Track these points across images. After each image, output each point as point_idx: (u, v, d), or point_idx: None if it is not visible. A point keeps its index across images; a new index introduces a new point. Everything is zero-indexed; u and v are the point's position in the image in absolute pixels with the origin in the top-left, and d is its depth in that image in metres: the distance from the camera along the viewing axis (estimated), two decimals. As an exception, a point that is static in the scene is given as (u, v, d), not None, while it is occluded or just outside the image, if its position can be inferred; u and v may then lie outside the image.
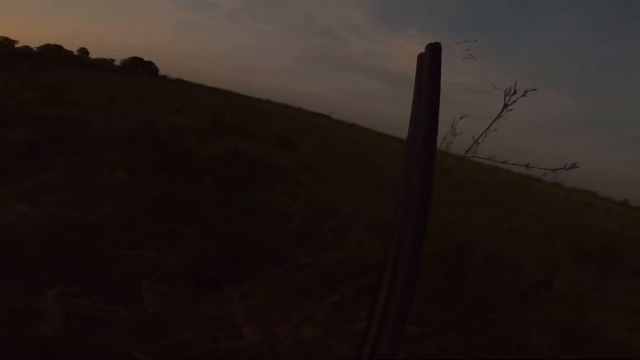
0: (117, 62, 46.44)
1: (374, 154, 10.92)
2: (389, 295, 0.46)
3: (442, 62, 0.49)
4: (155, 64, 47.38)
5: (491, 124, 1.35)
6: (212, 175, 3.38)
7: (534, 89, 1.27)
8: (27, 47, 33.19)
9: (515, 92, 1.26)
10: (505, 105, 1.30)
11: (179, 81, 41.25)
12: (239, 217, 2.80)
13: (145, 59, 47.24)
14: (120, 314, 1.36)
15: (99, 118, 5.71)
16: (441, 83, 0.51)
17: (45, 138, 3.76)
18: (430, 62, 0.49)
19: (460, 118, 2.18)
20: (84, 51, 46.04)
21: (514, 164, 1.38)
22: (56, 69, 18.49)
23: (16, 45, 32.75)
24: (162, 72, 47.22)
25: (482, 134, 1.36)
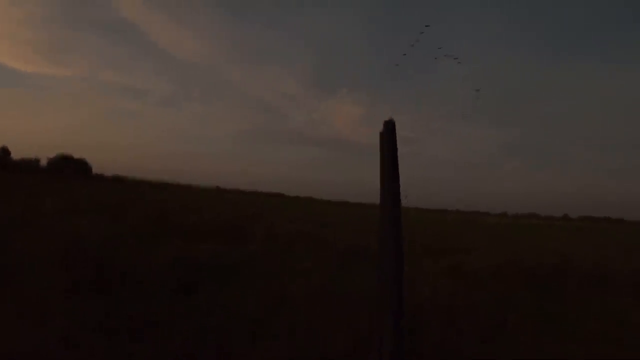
0: (43, 162, 43.82)
1: (332, 227, 11.45)
2: None
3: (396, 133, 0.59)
4: (87, 160, 45.52)
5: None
6: (158, 285, 3.42)
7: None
8: None
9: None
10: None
11: (116, 179, 40.01)
12: (189, 323, 2.85)
13: (75, 155, 45.19)
14: None
15: (23, 235, 5.44)
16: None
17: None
18: (386, 137, 0.59)
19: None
20: (5, 150, 43.24)
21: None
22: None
23: None
24: (96, 169, 45.33)
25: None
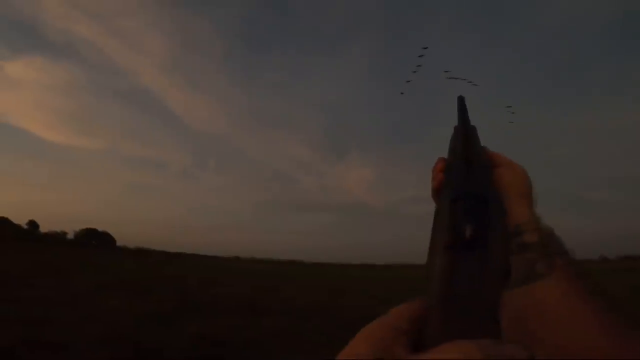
0: (70, 235, 44.65)
1: (347, 294, 11.63)
2: None
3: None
4: (111, 234, 46.86)
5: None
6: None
7: None
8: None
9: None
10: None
11: (139, 251, 41.06)
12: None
13: (100, 229, 46.68)
14: None
15: (69, 312, 6.02)
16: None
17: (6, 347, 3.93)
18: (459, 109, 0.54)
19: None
20: (33, 224, 44.28)
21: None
22: (3, 247, 18.37)
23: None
24: (119, 242, 46.56)
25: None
